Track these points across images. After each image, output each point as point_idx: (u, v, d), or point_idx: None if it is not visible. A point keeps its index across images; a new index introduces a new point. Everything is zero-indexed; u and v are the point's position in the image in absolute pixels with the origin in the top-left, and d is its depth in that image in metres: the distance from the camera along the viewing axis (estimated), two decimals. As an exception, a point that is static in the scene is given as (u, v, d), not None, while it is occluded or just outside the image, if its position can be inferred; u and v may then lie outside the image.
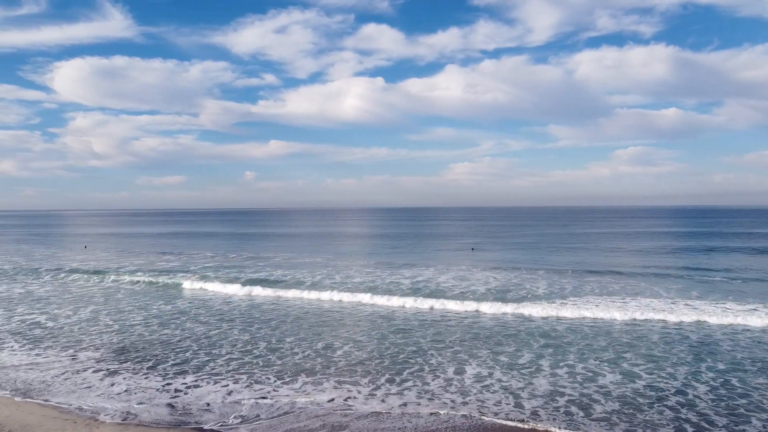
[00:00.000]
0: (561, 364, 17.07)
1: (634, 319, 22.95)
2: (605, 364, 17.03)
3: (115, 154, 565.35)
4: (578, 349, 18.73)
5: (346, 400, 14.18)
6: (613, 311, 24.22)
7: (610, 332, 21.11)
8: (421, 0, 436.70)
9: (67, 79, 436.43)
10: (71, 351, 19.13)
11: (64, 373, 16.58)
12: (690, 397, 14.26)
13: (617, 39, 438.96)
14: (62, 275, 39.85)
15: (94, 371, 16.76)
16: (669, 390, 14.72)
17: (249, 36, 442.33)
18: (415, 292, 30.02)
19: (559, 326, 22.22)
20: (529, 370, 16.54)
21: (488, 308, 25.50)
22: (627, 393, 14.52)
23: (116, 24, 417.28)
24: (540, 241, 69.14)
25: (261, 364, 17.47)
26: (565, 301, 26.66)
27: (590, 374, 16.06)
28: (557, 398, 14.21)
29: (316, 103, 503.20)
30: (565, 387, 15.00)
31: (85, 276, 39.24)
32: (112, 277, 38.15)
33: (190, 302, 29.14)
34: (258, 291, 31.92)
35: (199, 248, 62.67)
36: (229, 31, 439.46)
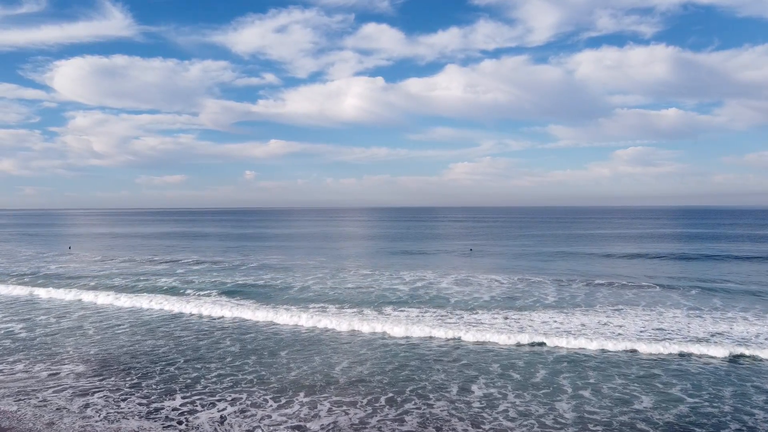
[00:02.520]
0: (583, 383, 15.12)
1: (658, 331, 20.90)
2: (635, 384, 15.06)
3: (115, 153, 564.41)
4: (597, 365, 16.80)
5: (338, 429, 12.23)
6: (631, 321, 22.31)
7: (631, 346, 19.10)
8: (421, 0, 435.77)
9: (67, 78, 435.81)
10: (41, 365, 17.15)
11: (17, 393, 14.60)
12: (749, 425, 12.32)
13: (617, 39, 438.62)
14: None
15: (57, 390, 14.77)
16: (721, 416, 12.79)
17: (249, 35, 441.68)
18: (413, 299, 27.99)
19: (573, 338, 20.17)
20: (546, 391, 14.59)
21: (493, 319, 23.56)
22: (672, 420, 12.59)
23: (116, 23, 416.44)
24: (541, 243, 67.11)
25: (255, 380, 15.51)
26: (575, 310, 24.75)
27: (622, 397, 14.10)
28: (591, 427, 12.23)
29: (316, 103, 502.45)
30: (595, 413, 13.03)
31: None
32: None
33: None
34: (240, 306, 26.15)
35: (191, 249, 60.57)
36: (229, 30, 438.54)
